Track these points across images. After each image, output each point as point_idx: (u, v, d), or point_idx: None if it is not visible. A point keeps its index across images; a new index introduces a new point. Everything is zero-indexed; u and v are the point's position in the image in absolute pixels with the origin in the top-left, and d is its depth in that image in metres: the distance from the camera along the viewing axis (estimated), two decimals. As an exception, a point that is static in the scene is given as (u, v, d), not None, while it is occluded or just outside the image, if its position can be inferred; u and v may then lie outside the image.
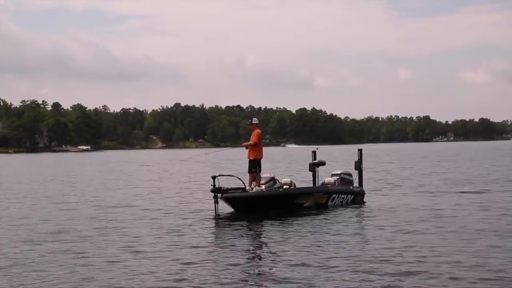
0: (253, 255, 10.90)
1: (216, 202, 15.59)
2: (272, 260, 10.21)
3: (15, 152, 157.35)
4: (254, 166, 17.00)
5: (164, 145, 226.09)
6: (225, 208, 16.30)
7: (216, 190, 15.62)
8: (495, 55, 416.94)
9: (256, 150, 17.11)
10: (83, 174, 42.08)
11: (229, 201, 16.10)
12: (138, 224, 14.86)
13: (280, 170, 37.61)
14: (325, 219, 15.07)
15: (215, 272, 9.46)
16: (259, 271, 9.54)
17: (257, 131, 17.34)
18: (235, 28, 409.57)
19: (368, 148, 22.39)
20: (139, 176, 37.55)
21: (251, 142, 17.14)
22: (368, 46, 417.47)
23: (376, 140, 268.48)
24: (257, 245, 11.86)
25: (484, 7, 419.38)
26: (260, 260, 10.38)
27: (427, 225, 13.68)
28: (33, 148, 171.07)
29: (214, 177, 15.62)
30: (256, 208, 16.02)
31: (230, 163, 49.82)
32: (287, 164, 50.45)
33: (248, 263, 10.13)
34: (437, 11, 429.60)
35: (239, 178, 16.51)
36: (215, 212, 15.53)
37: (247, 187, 16.46)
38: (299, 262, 9.88)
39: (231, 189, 16.08)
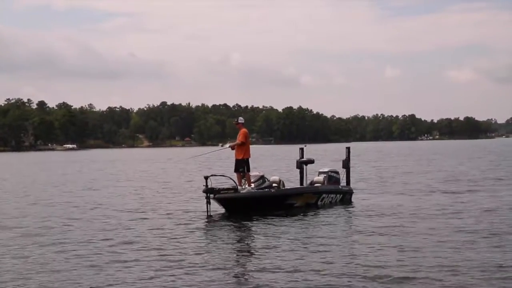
0: (245, 256, 10.94)
1: (208, 202, 15.67)
2: (264, 262, 10.21)
3: (0, 151, 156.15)
4: (242, 166, 17.12)
5: (151, 143, 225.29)
6: (217, 208, 16.41)
7: (208, 191, 15.70)
8: (481, 54, 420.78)
9: (243, 149, 17.23)
10: (72, 173, 41.96)
11: (221, 201, 16.20)
12: (128, 225, 14.87)
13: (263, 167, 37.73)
14: (316, 219, 15.21)
15: (206, 273, 9.53)
16: (251, 273, 9.57)
17: (244, 130, 17.42)
18: (222, 27, 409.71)
19: (354, 147, 22.64)
20: (127, 175, 37.54)
21: (237, 141, 17.29)
22: (355, 45, 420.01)
23: (362, 138, 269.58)
24: (249, 247, 11.90)
25: (470, 5, 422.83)
26: (252, 261, 10.41)
27: (414, 225, 13.81)
28: (19, 147, 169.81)
29: (206, 177, 15.71)
30: (248, 209, 16.13)
31: (218, 162, 49.89)
32: (272, 162, 50.59)
33: (240, 265, 10.20)
34: (423, 10, 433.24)
35: (231, 179, 16.63)
36: (207, 213, 15.62)
37: (238, 187, 16.58)
38: (290, 265, 9.91)
39: (223, 189, 16.19)
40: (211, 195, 15.84)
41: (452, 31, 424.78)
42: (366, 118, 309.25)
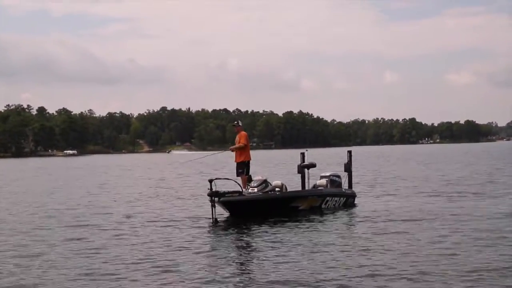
0: (251, 264, 10.67)
1: (213, 206, 15.55)
2: (271, 270, 9.96)
3: (0, 157, 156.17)
4: (242, 168, 17.13)
5: (151, 149, 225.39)
6: (222, 212, 16.30)
7: (213, 194, 15.59)
8: (480, 58, 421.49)
9: (244, 152, 17.28)
10: (76, 178, 41.94)
11: (226, 205, 16.08)
12: (132, 229, 14.77)
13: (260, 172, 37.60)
14: (321, 224, 15.04)
15: (211, 278, 9.43)
16: (256, 281, 9.35)
17: (244, 133, 17.56)
18: (220, 31, 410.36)
19: (354, 151, 22.42)
20: (129, 181, 37.49)
21: (240, 144, 17.31)
22: (354, 49, 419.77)
23: (362, 142, 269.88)
24: (255, 254, 11.54)
25: (469, 10, 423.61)
26: (258, 269, 10.14)
27: (420, 229, 13.64)
28: (19, 153, 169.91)
29: (211, 181, 15.63)
30: (252, 212, 16.04)
31: (217, 166, 49.88)
32: (273, 167, 50.53)
33: (245, 273, 9.98)
34: (422, 14, 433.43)
35: (236, 182, 16.55)
36: (213, 217, 15.48)
37: (244, 190, 16.51)
38: (295, 273, 9.66)
39: (228, 192, 16.10)
40: (216, 199, 15.71)
41: (451, 35, 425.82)
42: (366, 122, 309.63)
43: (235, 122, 18.14)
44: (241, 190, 16.36)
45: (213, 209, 15.52)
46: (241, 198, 16.12)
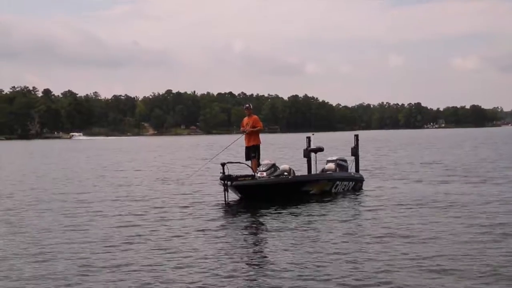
0: (264, 245, 10.64)
1: (225, 190, 15.65)
2: (282, 252, 9.93)
3: (7, 139, 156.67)
4: (254, 152, 17.27)
5: (156, 132, 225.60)
6: (234, 196, 16.39)
7: (226, 178, 15.68)
8: (485, 43, 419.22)
9: (255, 136, 17.41)
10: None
11: (239, 188, 16.20)
12: (143, 211, 14.83)
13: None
14: (332, 207, 15.11)
15: (224, 261, 9.46)
16: (268, 262, 9.38)
17: (257, 116, 17.96)
18: (226, 14, 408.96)
19: (360, 135, 22.04)
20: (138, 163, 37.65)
21: (259, 128, 17.66)
22: (359, 33, 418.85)
23: (367, 127, 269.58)
24: (268, 236, 11.52)
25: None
26: (270, 251, 10.12)
27: (428, 214, 13.60)
28: (25, 135, 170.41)
29: (223, 164, 15.68)
30: (265, 196, 16.11)
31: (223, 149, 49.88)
32: (278, 151, 50.54)
33: (259, 254, 9.99)
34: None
35: (248, 166, 16.61)
36: (225, 200, 15.58)
37: (256, 174, 16.55)
38: (306, 264, 9.32)
39: (241, 176, 16.18)
40: (229, 182, 15.81)
41: (457, 19, 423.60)
42: (371, 106, 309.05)
43: (248, 105, 18.27)
44: (253, 174, 16.48)
45: (226, 192, 15.64)
46: (254, 182, 16.19)
